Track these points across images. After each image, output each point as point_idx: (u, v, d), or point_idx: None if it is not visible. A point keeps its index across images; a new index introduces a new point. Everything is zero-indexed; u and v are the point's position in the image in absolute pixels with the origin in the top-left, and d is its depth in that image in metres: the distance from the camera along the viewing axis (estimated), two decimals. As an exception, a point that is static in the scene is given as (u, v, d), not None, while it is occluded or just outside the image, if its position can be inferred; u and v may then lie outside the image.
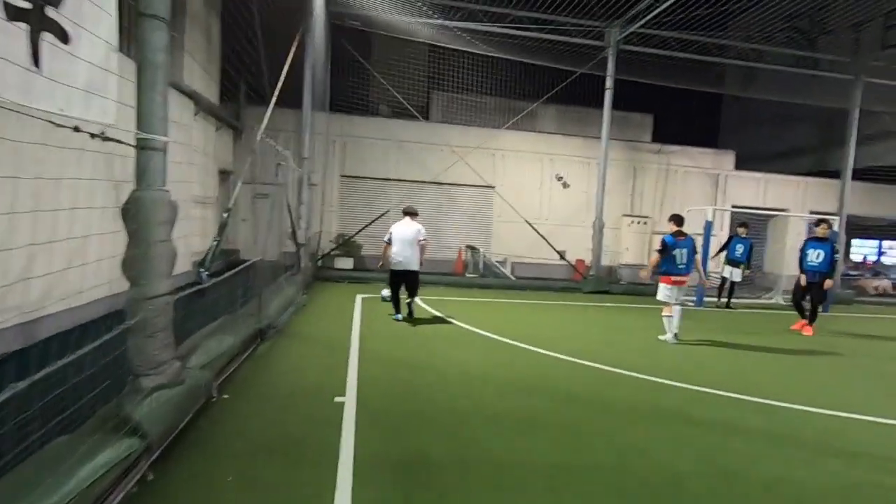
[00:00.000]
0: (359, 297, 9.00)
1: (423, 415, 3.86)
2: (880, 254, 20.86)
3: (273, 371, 4.65)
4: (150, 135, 3.06)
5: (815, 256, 7.94)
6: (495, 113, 15.22)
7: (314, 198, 11.29)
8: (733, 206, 14.77)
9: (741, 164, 16.13)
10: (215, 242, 4.18)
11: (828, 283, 7.95)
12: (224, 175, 11.69)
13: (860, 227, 17.44)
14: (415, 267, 7.09)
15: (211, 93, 10.45)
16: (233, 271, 4.74)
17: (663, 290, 6.87)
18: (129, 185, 3.14)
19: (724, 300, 10.82)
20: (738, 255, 10.44)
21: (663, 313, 7.03)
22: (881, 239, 20.23)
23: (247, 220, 12.35)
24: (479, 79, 14.67)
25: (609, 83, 11.90)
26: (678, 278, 6.78)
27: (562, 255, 13.54)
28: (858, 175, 14.93)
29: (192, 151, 9.20)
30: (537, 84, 15.19)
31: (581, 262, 14.28)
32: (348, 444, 3.25)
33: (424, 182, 14.02)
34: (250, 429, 3.45)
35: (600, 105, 16.54)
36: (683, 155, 15.60)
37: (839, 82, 13.65)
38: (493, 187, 14.40)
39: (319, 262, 12.17)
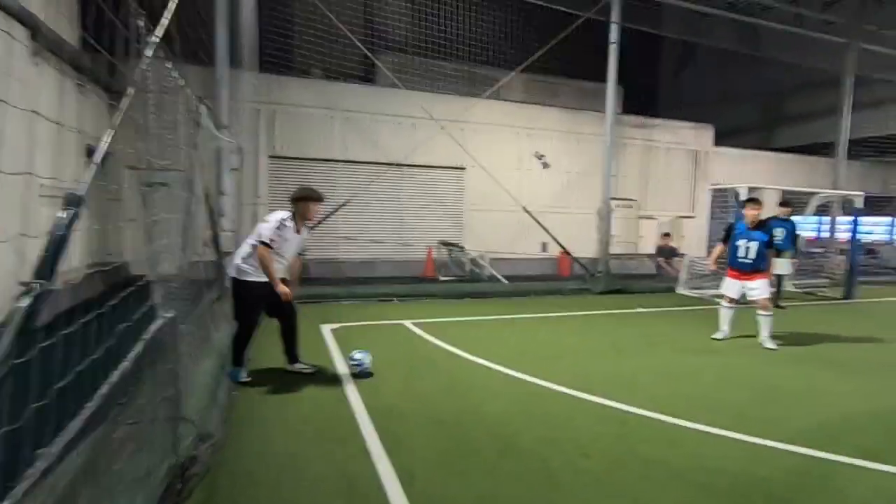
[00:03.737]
0: (326, 331, 5.99)
1: None
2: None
3: None
4: None
5: None
6: (454, 81, 12.53)
7: (240, 186, 7.99)
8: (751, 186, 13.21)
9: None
10: (36, 286, 1.21)
11: None
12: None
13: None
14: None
15: (65, 28, 6.81)
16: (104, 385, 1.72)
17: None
18: None
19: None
20: (780, 242, 8.46)
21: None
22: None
23: (135, 219, 8.67)
24: (432, 39, 11.91)
25: (614, 35, 9.60)
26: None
27: (567, 252, 11.30)
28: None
29: (30, 115, 5.66)
30: (503, 48, 12.75)
31: (565, 255, 12.14)
32: None
33: (379, 164, 11.05)
34: None
35: (571, 75, 14.62)
36: (665, 129, 13.96)
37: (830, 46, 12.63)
38: (463, 168, 11.78)
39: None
